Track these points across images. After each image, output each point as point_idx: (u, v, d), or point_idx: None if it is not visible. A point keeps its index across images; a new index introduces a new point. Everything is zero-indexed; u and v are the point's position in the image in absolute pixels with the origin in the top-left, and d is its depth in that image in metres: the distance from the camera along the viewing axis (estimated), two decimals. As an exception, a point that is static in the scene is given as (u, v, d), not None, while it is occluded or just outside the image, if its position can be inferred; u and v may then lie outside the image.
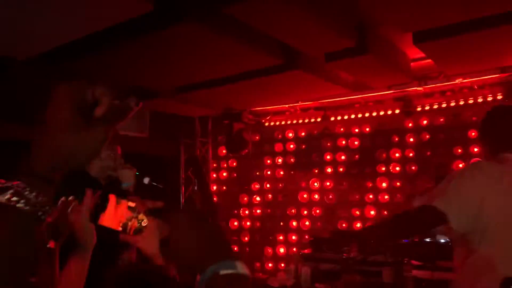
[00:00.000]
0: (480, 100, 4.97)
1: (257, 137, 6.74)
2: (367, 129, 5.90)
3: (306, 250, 4.99)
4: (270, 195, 6.60)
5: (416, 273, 3.90)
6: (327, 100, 5.70)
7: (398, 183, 5.66)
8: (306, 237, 6.03)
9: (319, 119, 6.08)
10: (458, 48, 3.77)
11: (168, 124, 6.38)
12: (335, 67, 4.42)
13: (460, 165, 5.12)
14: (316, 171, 6.24)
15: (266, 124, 6.55)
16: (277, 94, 5.43)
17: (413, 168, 5.58)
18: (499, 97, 4.87)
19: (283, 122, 6.43)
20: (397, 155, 5.69)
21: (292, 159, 6.51)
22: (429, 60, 4.39)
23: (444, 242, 4.05)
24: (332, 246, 4.47)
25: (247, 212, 6.76)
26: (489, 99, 4.91)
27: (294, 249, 6.26)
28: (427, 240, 4.14)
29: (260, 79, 4.59)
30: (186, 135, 6.74)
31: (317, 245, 4.68)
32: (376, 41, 3.86)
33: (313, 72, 4.47)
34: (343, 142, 6.06)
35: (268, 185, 6.63)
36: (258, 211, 6.68)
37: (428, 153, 5.51)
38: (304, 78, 4.58)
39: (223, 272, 0.81)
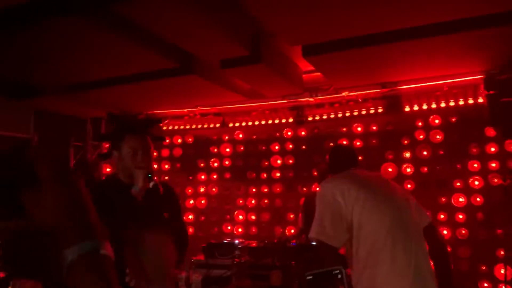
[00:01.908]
0: (363, 112, 5.37)
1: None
2: (264, 136, 6.07)
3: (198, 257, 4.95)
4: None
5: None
6: (225, 107, 5.75)
7: (278, 189, 6.00)
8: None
9: (218, 125, 6.11)
10: (344, 63, 4.03)
11: (57, 125, 5.93)
12: (230, 74, 4.47)
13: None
14: (191, 177, 6.35)
15: (164, 128, 6.41)
16: (175, 97, 5.35)
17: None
18: (380, 110, 5.31)
19: (182, 127, 6.35)
20: (278, 161, 6.02)
21: (177, 165, 6.52)
22: (319, 73, 4.64)
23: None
24: (224, 251, 4.48)
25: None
26: (371, 111, 5.33)
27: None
28: (314, 243, 4.33)
29: (155, 81, 4.48)
30: (76, 137, 6.33)
31: (210, 251, 4.65)
32: (270, 52, 3.97)
33: (209, 77, 4.48)
34: (241, 148, 6.18)
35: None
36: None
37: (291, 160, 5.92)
38: (200, 83, 4.56)
39: (84, 252, 0.75)
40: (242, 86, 4.97)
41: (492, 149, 4.97)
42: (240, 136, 6.16)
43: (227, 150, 6.23)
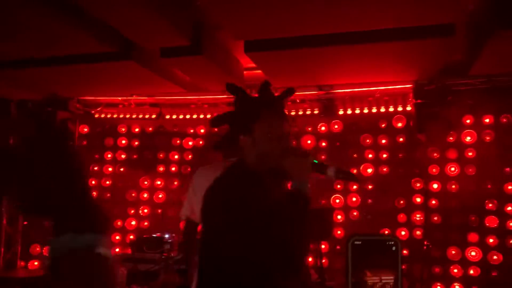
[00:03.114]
0: (300, 113, 5.49)
1: (86, 129, 6.27)
2: (202, 131, 5.99)
3: (127, 251, 4.80)
4: (94, 193, 6.17)
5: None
6: (163, 98, 5.61)
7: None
8: (131, 237, 5.82)
9: (154, 116, 5.94)
10: (284, 62, 4.08)
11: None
12: (170, 64, 4.36)
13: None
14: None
15: (97, 116, 6.13)
16: (109, 84, 5.12)
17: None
18: (316, 111, 5.45)
19: (115, 116, 6.10)
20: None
21: (123, 156, 6.22)
22: (260, 71, 4.66)
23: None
24: (153, 246, 4.37)
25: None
26: (308, 112, 5.46)
27: (117, 249, 5.97)
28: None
29: (89, 65, 4.26)
30: (-2, 120, 5.87)
31: (138, 245, 4.52)
32: (212, 44, 3.93)
33: (148, 65, 4.33)
34: (178, 141, 6.05)
35: (93, 182, 6.19)
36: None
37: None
38: (137, 71, 4.39)
39: (75, 246, 0.64)
40: (182, 77, 4.86)
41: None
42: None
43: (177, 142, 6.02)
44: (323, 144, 5.61)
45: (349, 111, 5.45)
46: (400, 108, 5.24)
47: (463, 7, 3.05)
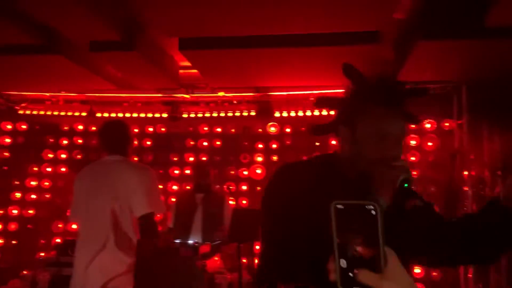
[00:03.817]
0: (237, 114, 5.49)
1: (8, 126, 5.88)
2: (136, 130, 5.82)
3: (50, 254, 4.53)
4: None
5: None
6: (93, 95, 5.38)
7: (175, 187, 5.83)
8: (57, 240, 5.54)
9: (84, 114, 5.68)
10: (220, 62, 4.05)
11: None
12: (100, 59, 4.18)
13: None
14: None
15: (21, 112, 5.76)
16: (36, 78, 4.82)
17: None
18: (253, 113, 5.49)
19: (42, 112, 5.77)
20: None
21: (63, 155, 5.95)
22: (197, 70, 4.60)
23: (192, 243, 4.22)
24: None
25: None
26: (245, 114, 5.48)
27: (42, 254, 5.63)
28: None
29: (13, 57, 3.98)
30: None
31: (63, 249, 4.27)
32: (145, 40, 3.82)
33: (77, 60, 4.13)
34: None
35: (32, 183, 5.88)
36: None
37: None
38: (66, 65, 4.17)
39: None
40: (114, 74, 4.69)
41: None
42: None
43: (94, 142, 5.83)
44: (260, 145, 5.67)
45: (284, 114, 5.53)
46: (332, 112, 5.38)
47: (388, 16, 3.19)
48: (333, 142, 5.30)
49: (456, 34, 3.27)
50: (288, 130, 5.64)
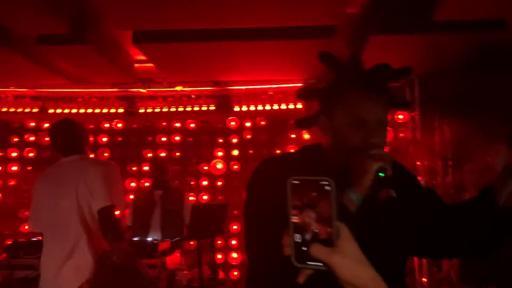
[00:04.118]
0: (196, 108, 5.44)
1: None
2: (91, 126, 5.65)
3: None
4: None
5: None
6: (45, 90, 5.17)
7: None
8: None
9: (35, 110, 5.46)
10: (176, 56, 3.98)
11: None
12: (51, 53, 4.02)
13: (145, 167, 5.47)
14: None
15: (-34, 108, 5.47)
16: (-19, 74, 4.58)
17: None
18: (212, 107, 5.45)
19: (-10, 109, 5.50)
20: (105, 154, 5.69)
21: (31, 154, 5.70)
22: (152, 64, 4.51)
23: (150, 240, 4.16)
24: (31, 251, 3.99)
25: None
26: (204, 108, 5.43)
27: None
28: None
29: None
30: None
31: (13, 250, 4.10)
32: (97, 33, 3.69)
33: (26, 54, 3.95)
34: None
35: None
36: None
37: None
38: (14, 60, 3.98)
39: None
40: (66, 68, 4.52)
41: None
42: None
43: (46, 139, 5.62)
44: (220, 140, 5.65)
45: (244, 108, 5.52)
46: (291, 106, 5.44)
47: (343, 11, 3.24)
48: (306, 136, 5.35)
49: (406, 28, 3.37)
50: (248, 124, 5.64)
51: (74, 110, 5.45)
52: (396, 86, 4.97)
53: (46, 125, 5.60)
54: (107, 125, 5.71)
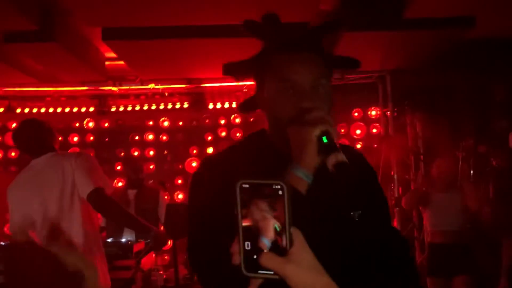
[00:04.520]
0: (170, 106, 5.37)
1: None
2: (61, 126, 5.51)
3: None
4: None
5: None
6: (11, 89, 5.00)
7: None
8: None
9: (1, 109, 5.28)
10: (147, 53, 3.92)
11: None
12: (18, 51, 3.89)
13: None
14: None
15: None
16: None
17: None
18: (186, 105, 5.39)
19: (-47, 109, 5.28)
20: None
21: None
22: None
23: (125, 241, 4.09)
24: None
25: None
26: (177, 106, 5.37)
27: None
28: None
29: None
30: None
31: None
32: (65, 30, 3.59)
33: (-10, 52, 3.81)
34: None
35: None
36: None
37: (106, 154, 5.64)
38: (-22, 58, 3.85)
39: None
40: (34, 66, 4.38)
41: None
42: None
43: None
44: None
45: (218, 105, 5.49)
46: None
47: (315, 8, 3.25)
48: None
49: (378, 25, 3.41)
50: (222, 121, 5.61)
51: (42, 110, 5.29)
52: (368, 82, 5.04)
53: (14, 125, 5.42)
54: (77, 124, 5.57)
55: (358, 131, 5.36)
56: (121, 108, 5.34)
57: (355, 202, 1.11)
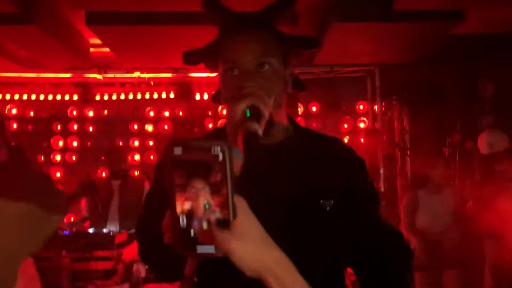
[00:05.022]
0: (155, 96, 5.27)
1: None
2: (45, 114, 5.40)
3: None
4: None
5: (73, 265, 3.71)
6: (-8, 74, 4.87)
7: (58, 174, 5.45)
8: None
9: (-18, 96, 5.14)
10: (132, 39, 3.82)
11: None
12: (-3, 34, 3.77)
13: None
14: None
15: None
16: None
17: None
18: (172, 95, 5.30)
19: None
20: (60, 143, 5.46)
21: None
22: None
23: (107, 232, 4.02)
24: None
25: None
26: (163, 96, 5.27)
27: None
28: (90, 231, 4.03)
29: None
30: None
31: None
32: (47, 13, 3.48)
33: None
34: (15, 126, 5.34)
35: None
36: None
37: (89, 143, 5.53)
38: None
39: None
40: (15, 51, 4.25)
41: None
42: (14, 111, 5.32)
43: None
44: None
45: (205, 96, 5.41)
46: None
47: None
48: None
49: (368, 16, 3.36)
50: (210, 113, 5.53)
51: (24, 96, 5.16)
52: (357, 76, 5.01)
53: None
54: (61, 112, 5.45)
55: (345, 125, 5.33)
56: (106, 97, 5.23)
57: (323, 190, 1.07)
